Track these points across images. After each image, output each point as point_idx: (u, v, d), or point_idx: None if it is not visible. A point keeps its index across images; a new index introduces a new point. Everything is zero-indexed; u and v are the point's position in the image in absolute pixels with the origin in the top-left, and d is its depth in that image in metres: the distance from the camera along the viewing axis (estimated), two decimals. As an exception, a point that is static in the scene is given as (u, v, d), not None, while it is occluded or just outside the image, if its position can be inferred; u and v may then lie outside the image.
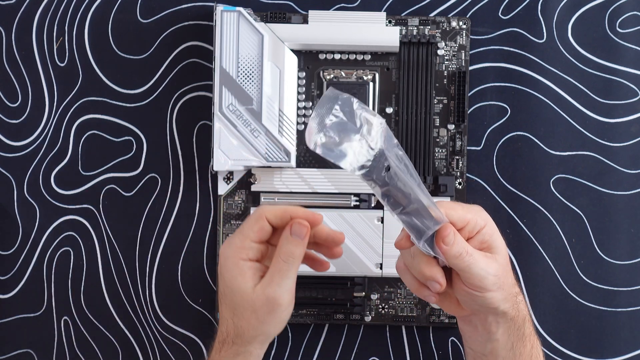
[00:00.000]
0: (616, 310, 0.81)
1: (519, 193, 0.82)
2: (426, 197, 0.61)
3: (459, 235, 0.62)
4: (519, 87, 0.82)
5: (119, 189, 0.82)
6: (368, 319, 0.81)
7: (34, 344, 0.83)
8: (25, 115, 0.83)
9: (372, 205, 0.81)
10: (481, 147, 0.82)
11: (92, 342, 0.82)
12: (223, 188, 0.82)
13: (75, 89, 0.83)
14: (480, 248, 0.64)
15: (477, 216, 0.64)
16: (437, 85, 0.81)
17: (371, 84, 0.81)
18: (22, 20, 0.83)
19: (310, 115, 0.81)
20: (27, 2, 0.82)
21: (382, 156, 0.59)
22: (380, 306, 0.81)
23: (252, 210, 0.80)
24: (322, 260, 0.70)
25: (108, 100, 0.83)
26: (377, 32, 0.80)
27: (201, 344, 0.82)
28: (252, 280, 0.65)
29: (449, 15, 0.82)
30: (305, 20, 0.81)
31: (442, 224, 0.62)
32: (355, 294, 0.81)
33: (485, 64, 0.82)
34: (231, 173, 0.81)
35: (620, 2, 0.82)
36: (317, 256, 0.70)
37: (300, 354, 0.82)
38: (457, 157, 0.81)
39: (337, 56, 0.81)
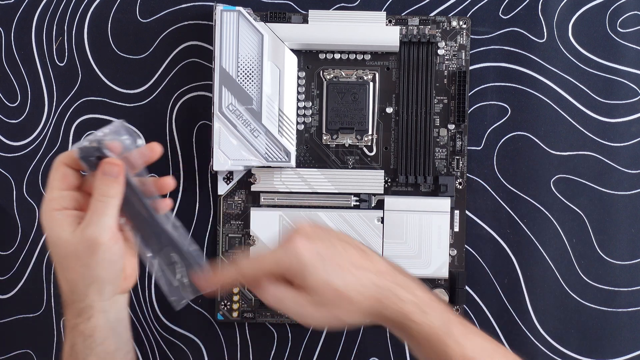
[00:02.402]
0: (617, 310, 0.81)
1: (519, 193, 0.82)
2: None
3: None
4: (520, 87, 0.82)
5: (118, 189, 0.82)
6: (368, 319, 0.81)
7: (33, 344, 0.82)
8: (25, 115, 0.83)
9: (372, 205, 0.81)
10: (481, 147, 0.82)
11: (92, 343, 0.82)
12: (223, 188, 0.82)
13: (75, 89, 0.82)
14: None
15: (282, 259, 0.62)
16: (438, 85, 0.81)
17: (371, 83, 0.81)
18: (21, 20, 0.82)
19: (312, 114, 0.81)
20: (26, 2, 0.82)
21: (98, 145, 0.63)
22: (380, 306, 0.81)
23: (251, 210, 0.80)
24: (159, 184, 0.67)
25: (107, 100, 0.82)
26: (377, 31, 0.80)
27: (201, 344, 0.82)
28: (70, 227, 0.62)
29: (449, 15, 0.82)
30: (305, 20, 0.80)
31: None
32: (355, 294, 0.80)
33: (485, 63, 0.82)
34: (231, 173, 0.81)
35: (621, 1, 0.82)
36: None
37: (300, 354, 0.82)
38: (458, 157, 0.81)
39: (337, 56, 0.81)
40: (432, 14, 0.82)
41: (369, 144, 0.81)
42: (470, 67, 0.82)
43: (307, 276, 0.61)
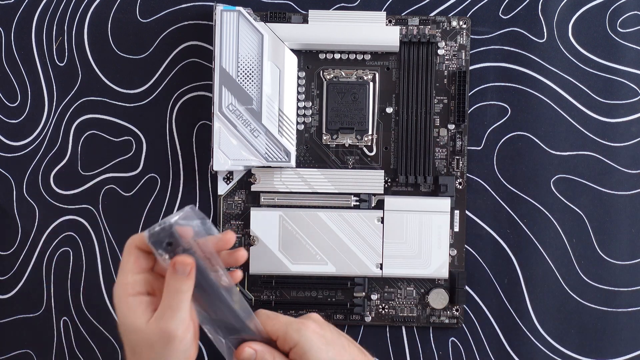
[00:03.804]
0: (617, 310, 0.81)
1: (519, 193, 0.82)
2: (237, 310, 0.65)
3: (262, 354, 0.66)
4: (520, 87, 0.82)
5: (118, 189, 0.82)
6: (368, 319, 0.81)
7: (33, 344, 0.82)
8: (25, 115, 0.83)
9: (372, 205, 0.81)
10: (481, 147, 0.82)
11: (92, 343, 0.82)
12: (223, 188, 0.82)
13: (75, 89, 0.82)
14: None
15: (290, 334, 0.65)
16: (437, 85, 0.81)
17: (371, 83, 0.81)
18: (21, 19, 0.82)
19: (310, 114, 0.81)
20: (26, 1, 0.82)
21: (170, 230, 0.62)
22: (380, 306, 0.81)
23: (251, 210, 0.80)
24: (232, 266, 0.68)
25: (107, 100, 0.82)
26: (377, 31, 0.80)
27: (201, 344, 0.82)
28: (144, 315, 0.63)
29: (449, 15, 0.82)
30: (305, 20, 0.80)
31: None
32: (355, 294, 0.81)
33: (485, 63, 0.82)
34: (231, 173, 0.81)
35: (621, 1, 0.82)
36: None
37: (300, 354, 0.82)
38: (458, 157, 0.81)
39: (337, 56, 0.81)
40: (432, 14, 0.82)
41: (369, 144, 0.81)
42: (470, 67, 0.82)
43: (309, 357, 0.65)
